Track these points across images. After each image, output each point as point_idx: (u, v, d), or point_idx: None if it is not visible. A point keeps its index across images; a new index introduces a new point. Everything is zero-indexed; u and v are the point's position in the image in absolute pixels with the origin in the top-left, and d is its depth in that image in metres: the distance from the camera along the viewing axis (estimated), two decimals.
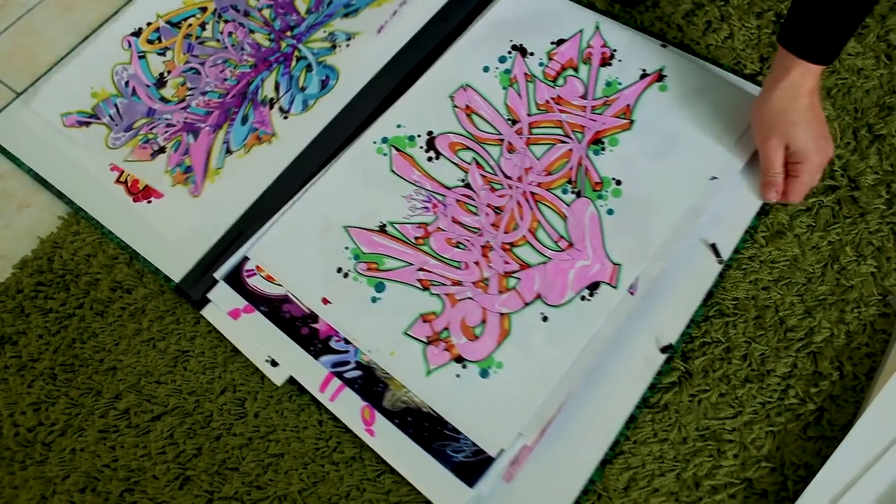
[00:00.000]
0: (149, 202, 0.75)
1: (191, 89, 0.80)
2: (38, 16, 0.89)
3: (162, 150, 0.77)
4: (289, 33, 0.83)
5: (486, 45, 0.77)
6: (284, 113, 0.78)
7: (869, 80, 0.71)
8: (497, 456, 0.58)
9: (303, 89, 0.79)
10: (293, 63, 0.81)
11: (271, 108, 0.78)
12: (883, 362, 0.59)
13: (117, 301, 0.70)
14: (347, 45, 0.81)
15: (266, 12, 0.84)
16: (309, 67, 0.80)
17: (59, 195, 0.76)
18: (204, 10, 0.86)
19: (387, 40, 0.80)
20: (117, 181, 0.76)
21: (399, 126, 0.73)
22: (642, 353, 0.61)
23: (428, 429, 0.60)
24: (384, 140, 0.72)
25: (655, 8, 0.77)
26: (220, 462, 0.62)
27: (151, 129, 0.78)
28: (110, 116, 0.80)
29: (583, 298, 0.63)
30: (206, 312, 0.68)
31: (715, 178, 0.66)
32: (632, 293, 0.63)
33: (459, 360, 0.62)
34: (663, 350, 0.61)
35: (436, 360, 0.62)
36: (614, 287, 0.63)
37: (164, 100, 0.80)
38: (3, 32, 0.87)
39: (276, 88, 0.79)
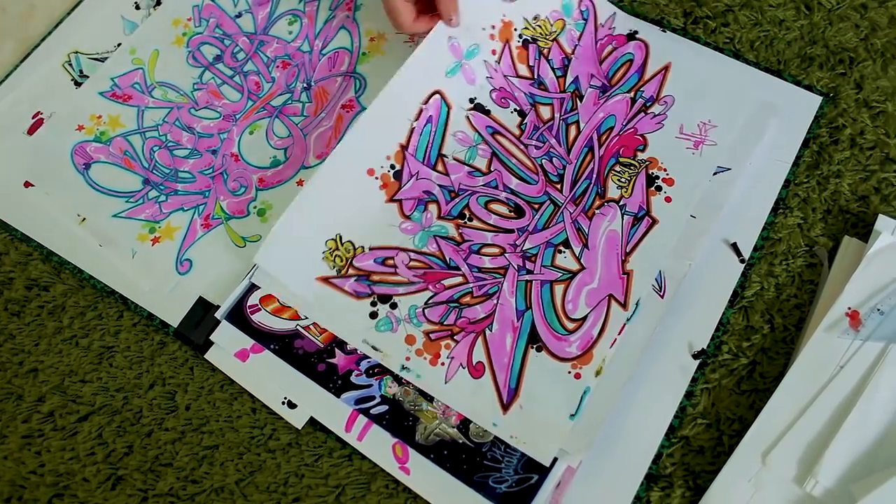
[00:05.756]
0: None
1: None
2: None
3: None
4: None
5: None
6: None
7: (790, 31, 0.71)
8: (547, 469, 0.55)
9: None
10: None
11: None
12: (810, 313, 0.60)
13: (34, 300, 0.67)
14: None
15: None
16: None
17: None
18: None
19: None
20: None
21: None
22: (675, 359, 0.59)
23: (466, 461, 0.57)
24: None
25: None
26: (153, 459, 0.60)
27: None
28: None
29: None
30: (211, 356, 0.63)
31: (728, 168, 0.64)
32: (661, 296, 0.61)
33: None
34: (696, 355, 0.59)
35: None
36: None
37: None
38: None
39: None
